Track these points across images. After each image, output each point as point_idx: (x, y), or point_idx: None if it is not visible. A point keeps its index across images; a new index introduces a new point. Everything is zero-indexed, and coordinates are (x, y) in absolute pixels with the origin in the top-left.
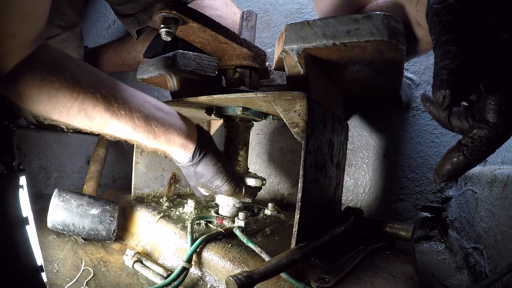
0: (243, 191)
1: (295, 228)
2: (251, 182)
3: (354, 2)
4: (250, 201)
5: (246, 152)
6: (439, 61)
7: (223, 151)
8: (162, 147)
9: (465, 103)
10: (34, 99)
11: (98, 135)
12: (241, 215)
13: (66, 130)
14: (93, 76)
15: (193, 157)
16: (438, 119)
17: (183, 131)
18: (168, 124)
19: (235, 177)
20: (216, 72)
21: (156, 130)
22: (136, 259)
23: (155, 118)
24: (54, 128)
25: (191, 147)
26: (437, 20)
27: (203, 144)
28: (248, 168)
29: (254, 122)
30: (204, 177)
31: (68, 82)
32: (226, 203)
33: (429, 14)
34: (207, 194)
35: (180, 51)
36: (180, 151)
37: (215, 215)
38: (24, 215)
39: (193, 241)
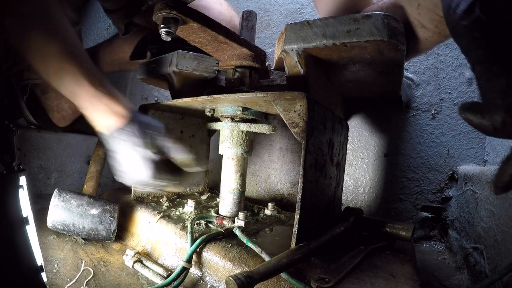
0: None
1: (295, 228)
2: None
3: (354, 3)
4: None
5: None
6: (483, 82)
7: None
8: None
9: None
10: None
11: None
12: (241, 215)
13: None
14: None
15: (132, 111)
16: (483, 129)
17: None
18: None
19: None
20: (216, 72)
21: (90, 70)
22: (136, 259)
23: (87, 62)
24: (54, 128)
25: (124, 106)
26: (469, 37)
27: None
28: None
29: None
30: (154, 125)
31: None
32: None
33: (456, 31)
34: (156, 156)
35: (180, 51)
36: (108, 111)
37: (215, 215)
38: (24, 215)
39: (193, 241)
